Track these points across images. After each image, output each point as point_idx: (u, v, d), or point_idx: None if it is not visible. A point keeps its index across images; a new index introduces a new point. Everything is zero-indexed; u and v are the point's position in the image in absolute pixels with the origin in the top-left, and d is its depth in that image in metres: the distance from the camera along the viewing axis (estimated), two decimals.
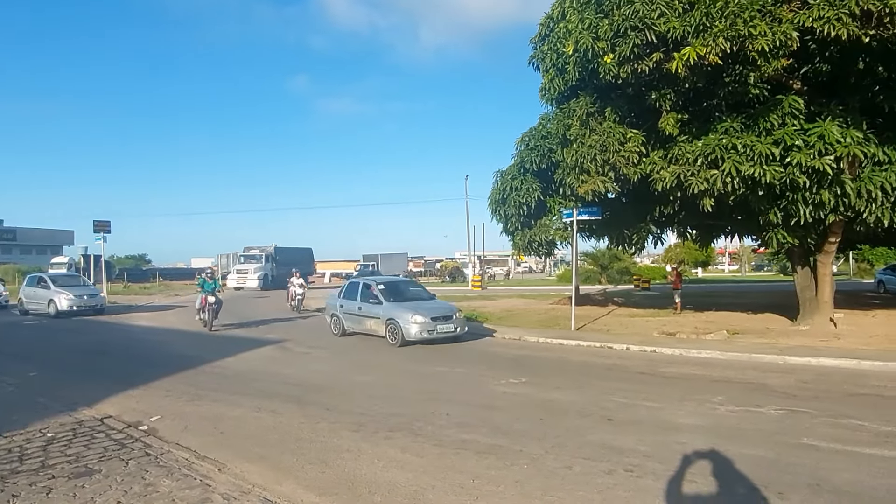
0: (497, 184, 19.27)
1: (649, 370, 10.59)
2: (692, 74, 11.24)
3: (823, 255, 14.92)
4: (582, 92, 14.80)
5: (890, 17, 8.90)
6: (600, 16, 12.18)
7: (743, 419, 7.07)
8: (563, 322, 17.10)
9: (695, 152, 12.24)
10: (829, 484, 4.90)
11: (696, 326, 16.06)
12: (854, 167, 11.62)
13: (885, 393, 8.32)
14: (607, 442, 6.20)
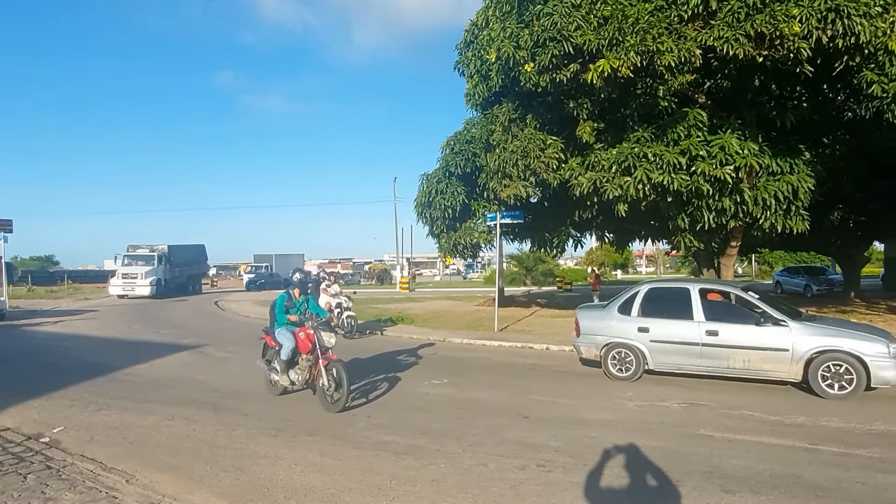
0: (423, 187, 19.40)
1: (567, 369, 11.00)
2: (607, 85, 11.76)
3: (726, 257, 15.98)
4: (505, 98, 15.18)
5: (780, 39, 9.68)
6: (521, 25, 12.55)
7: (648, 413, 7.49)
8: (488, 323, 17.43)
9: (609, 160, 12.82)
10: (720, 471, 5.29)
11: None
12: (751, 177, 12.51)
13: (773, 386, 9.01)
14: (523, 439, 6.41)
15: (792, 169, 12.61)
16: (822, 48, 9.86)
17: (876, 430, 6.44)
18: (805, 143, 13.12)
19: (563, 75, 11.89)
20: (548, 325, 17.62)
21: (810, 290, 27.31)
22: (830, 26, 9.41)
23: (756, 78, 12.06)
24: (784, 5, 9.68)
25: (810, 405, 7.67)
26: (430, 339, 15.35)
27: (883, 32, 9.51)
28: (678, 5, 10.80)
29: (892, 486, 4.82)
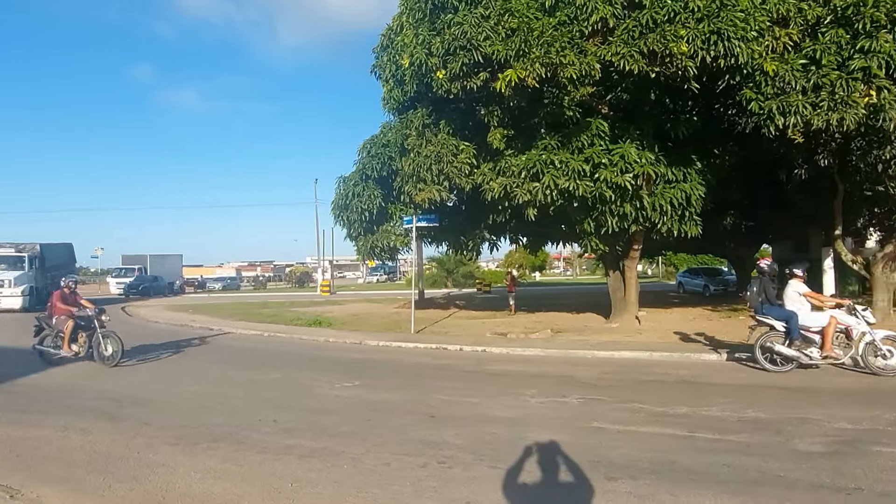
0: (340, 189, 19.31)
1: (477, 368, 11.30)
2: (515, 94, 12.22)
3: (629, 260, 16.92)
4: (419, 104, 15.41)
5: (670, 57, 10.43)
6: (433, 33, 12.81)
7: (549, 409, 7.86)
8: (405, 325, 17.57)
9: (519, 166, 13.30)
10: (606, 459, 5.65)
11: (525, 326, 17.34)
12: (649, 184, 13.35)
13: (666, 379, 9.69)
14: (427, 437, 6.57)
15: (685, 177, 13.55)
16: (707, 67, 10.70)
17: (746, 417, 7.06)
18: (697, 154, 14.14)
19: (474, 83, 12.24)
20: (464, 327, 17.98)
21: (708, 289, 29.28)
22: (713, 47, 10.24)
23: (651, 92, 12.89)
24: (673, 26, 10.43)
25: (695, 397, 8.29)
26: (346, 342, 15.32)
27: (759, 55, 10.44)
28: (579, 21, 11.38)
29: (753, 467, 5.32)
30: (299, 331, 17.77)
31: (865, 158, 13.09)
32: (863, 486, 4.71)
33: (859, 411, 7.07)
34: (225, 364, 12.22)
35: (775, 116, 10.78)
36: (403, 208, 17.65)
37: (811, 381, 9.23)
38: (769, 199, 19.26)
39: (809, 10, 10.84)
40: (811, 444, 5.90)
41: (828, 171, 14.93)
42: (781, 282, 10.47)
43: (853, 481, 4.83)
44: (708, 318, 18.55)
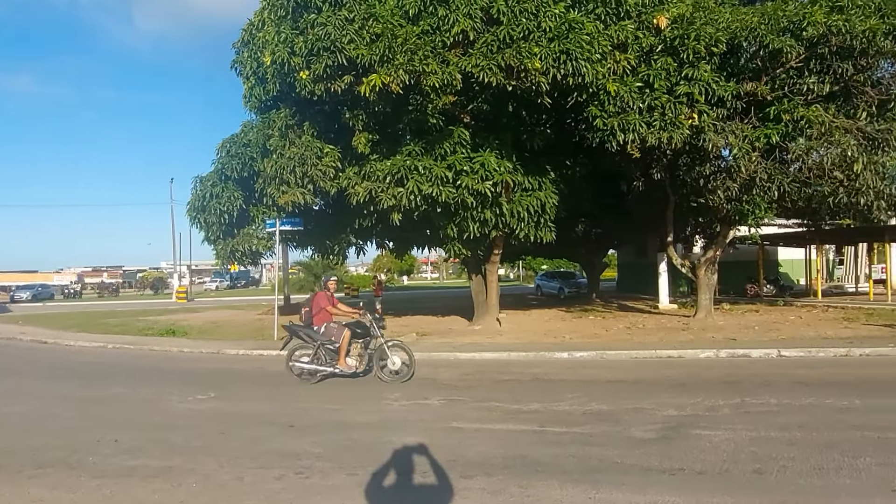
0: (197, 190, 18.15)
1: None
2: (380, 99, 12.26)
3: (491, 264, 17.61)
4: (283, 104, 14.95)
5: (525, 72, 11.08)
6: (296, 32, 12.49)
7: (411, 412, 7.94)
8: (268, 333, 16.90)
9: (384, 171, 13.36)
10: (463, 458, 5.82)
11: (392, 331, 17.37)
12: (508, 192, 14.00)
13: (522, 378, 10.19)
14: (285, 448, 6.36)
15: (541, 186, 14.39)
16: (558, 84, 11.47)
17: (590, 410, 7.61)
18: (551, 165, 15.08)
19: (338, 86, 12.11)
20: None
21: (563, 291, 31.25)
22: (563, 66, 11.01)
23: (510, 104, 13.56)
24: (528, 43, 11.07)
25: (546, 393, 8.80)
26: (202, 352, 14.43)
27: (603, 76, 11.40)
28: (442, 32, 11.69)
29: (594, 455, 5.75)
30: (150, 341, 16.45)
31: (690, 173, 14.78)
32: (685, 467, 5.26)
33: (684, 399, 7.90)
34: (59, 381, 11.00)
35: (617, 133, 11.84)
36: (266, 211, 16.98)
37: (647, 374, 10.18)
38: (614, 208, 21.03)
39: (644, 39, 12.06)
40: (644, 431, 6.50)
41: (661, 183, 16.64)
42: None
43: (678, 462, 5.38)
44: (562, 318, 19.83)
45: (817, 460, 5.26)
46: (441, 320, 20.13)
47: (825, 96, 13.04)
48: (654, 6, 12.41)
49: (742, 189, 14.25)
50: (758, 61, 12.94)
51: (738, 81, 13.05)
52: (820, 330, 14.28)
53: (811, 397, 7.75)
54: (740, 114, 13.48)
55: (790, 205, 16.31)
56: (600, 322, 18.23)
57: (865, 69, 13.03)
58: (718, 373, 9.98)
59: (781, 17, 12.24)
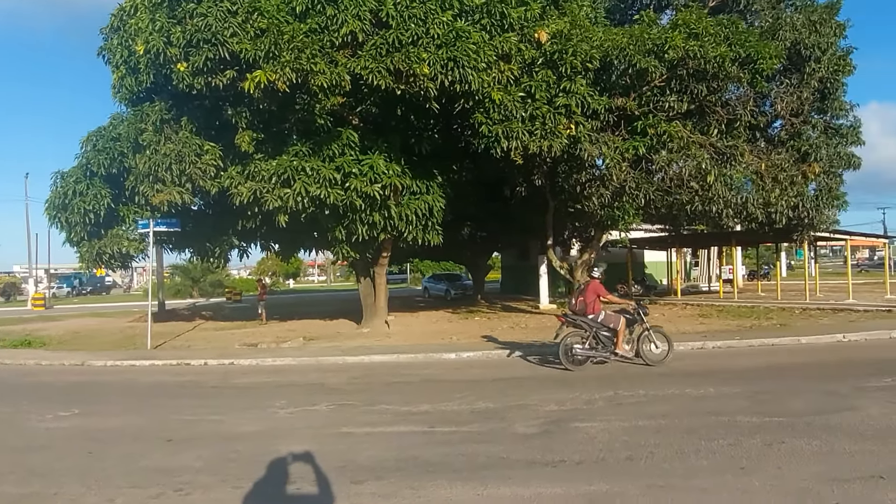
0: (57, 187, 16.49)
1: (223, 383, 10.65)
2: (265, 97, 11.87)
3: (379, 267, 17.60)
4: (157, 96, 14.04)
5: (413, 77, 11.22)
6: (173, 21, 11.79)
7: (298, 419, 7.76)
8: (140, 341, 15.76)
9: (269, 171, 12.94)
10: (354, 463, 5.79)
11: (277, 336, 16.87)
12: (397, 195, 14.08)
13: (411, 380, 10.30)
14: (162, 464, 5.99)
15: (428, 190, 14.60)
16: (445, 90, 11.74)
17: (478, 408, 7.86)
18: (438, 169, 15.35)
19: (220, 80, 11.60)
20: (210, 339, 16.80)
21: (449, 293, 31.85)
22: (450, 73, 11.28)
23: (398, 108, 13.65)
24: (416, 49, 11.22)
25: (435, 394, 8.96)
26: (64, 364, 13.18)
27: (488, 84, 11.81)
28: (330, 31, 11.55)
29: (482, 453, 5.94)
30: (0, 354, 14.74)
31: (568, 180, 15.69)
32: (565, 458, 5.59)
33: (564, 394, 8.38)
34: None
35: (501, 140, 12.32)
36: (138, 211, 15.79)
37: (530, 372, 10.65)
38: (498, 212, 21.77)
39: (527, 51, 12.67)
40: (528, 426, 6.82)
41: (542, 189, 17.50)
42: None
43: (558, 454, 5.71)
44: (449, 320, 20.22)
45: (679, 445, 5.80)
46: (329, 324, 19.80)
47: (684, 114, 14.39)
48: (535, 21, 13.04)
49: (613, 196, 15.34)
50: (627, 78, 14.02)
51: (610, 96, 14.07)
52: (680, 326, 15.70)
53: (674, 388, 8.51)
54: (612, 126, 14.53)
55: (654, 211, 17.79)
56: (486, 323, 18.79)
57: (717, 91, 14.55)
58: (596, 368, 10.66)
59: (647, 40, 13.35)
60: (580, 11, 13.98)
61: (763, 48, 13.61)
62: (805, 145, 16.08)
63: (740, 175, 15.01)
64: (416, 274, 61.06)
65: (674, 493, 4.60)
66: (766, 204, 15.41)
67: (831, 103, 16.65)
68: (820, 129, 16.64)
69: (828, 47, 15.45)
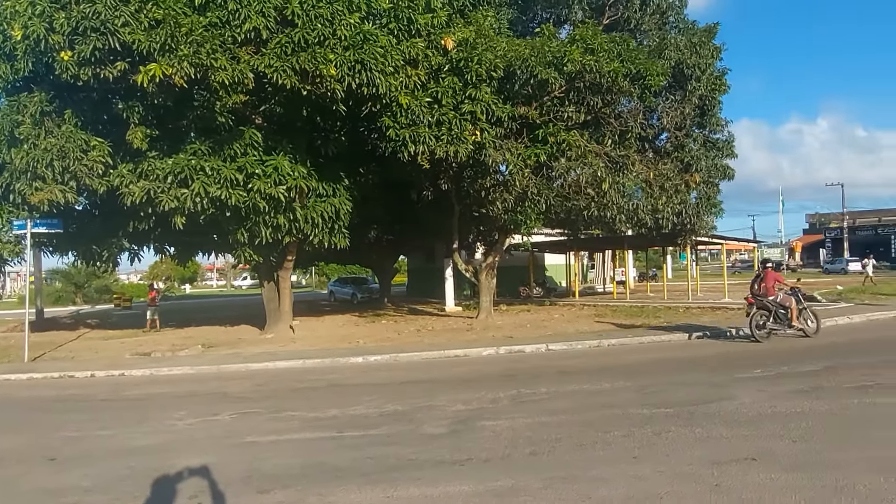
0: None
1: (113, 396, 10.00)
2: (161, 91, 11.28)
3: (284, 270, 17.17)
4: (37, 86, 12.92)
5: (320, 78, 11.07)
6: (56, 6, 10.92)
7: (199, 430, 7.44)
8: (16, 353, 14.42)
9: (165, 170, 12.29)
10: (259, 472, 5.64)
11: (173, 344, 16.02)
12: (302, 197, 13.81)
13: (317, 385, 10.15)
14: (45, 486, 5.55)
15: (335, 192, 14.45)
16: (352, 92, 11.68)
17: (387, 411, 7.89)
18: (345, 171, 15.23)
19: (110, 72, 10.91)
20: (97, 349, 15.68)
21: (356, 297, 31.57)
22: (358, 75, 11.25)
23: (304, 108, 13.41)
24: (323, 49, 11.09)
25: (343, 398, 8.90)
26: None
27: (396, 88, 11.89)
28: (232, 27, 11.16)
29: (391, 455, 5.99)
30: None
31: (474, 185, 16.10)
32: (472, 456, 5.74)
33: (470, 394, 8.59)
34: None
35: (408, 144, 12.44)
36: (14, 210, 14.44)
37: (433, 374, 10.82)
38: (405, 215, 21.88)
39: (433, 58, 12.88)
40: (436, 427, 6.94)
41: (448, 193, 17.80)
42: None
43: (466, 453, 5.86)
44: (355, 324, 20.07)
45: (578, 438, 6.14)
46: (230, 330, 19.04)
47: (581, 124, 15.19)
48: (442, 28, 13.27)
49: (516, 201, 15.91)
50: (529, 88, 14.58)
51: (513, 105, 14.58)
52: (578, 326, 16.51)
53: (573, 384, 8.98)
54: (515, 134, 15.08)
55: (554, 216, 18.61)
56: (392, 326, 18.83)
57: (611, 103, 15.48)
58: (499, 368, 11.01)
59: (547, 52, 13.97)
60: (485, 21, 14.36)
61: (651, 66, 14.65)
62: (687, 157, 17.46)
63: (631, 183, 16.04)
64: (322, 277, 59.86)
65: (574, 484, 4.87)
66: (655, 210, 16.57)
67: (709, 119, 18.18)
68: (700, 143, 18.13)
69: (706, 68, 16.87)
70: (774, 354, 10.73)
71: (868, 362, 9.49)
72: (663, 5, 17.94)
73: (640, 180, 16.36)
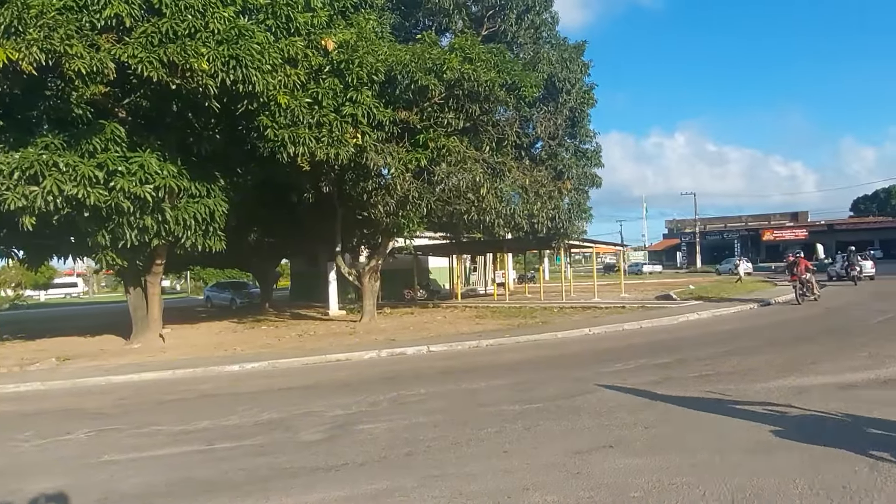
0: None
1: None
2: (6, 78, 10.19)
3: (152, 275, 16.06)
4: None
5: (191, 72, 10.50)
6: None
7: (48, 451, 6.81)
8: None
9: (11, 165, 11.09)
10: (116, 493, 5.27)
11: (23, 357, 14.51)
12: (173, 197, 13.01)
13: (188, 396, 9.62)
14: None
15: (209, 193, 13.75)
16: (227, 89, 11.19)
17: (262, 420, 7.65)
18: (221, 171, 14.53)
19: None
20: None
21: (235, 302, 30.21)
22: (232, 71, 10.81)
23: (174, 103, 12.64)
24: (194, 42, 10.54)
25: (216, 409, 8.51)
26: None
27: (274, 87, 11.55)
28: (91, 11, 10.31)
29: (265, 465, 5.83)
30: None
31: (356, 188, 16.01)
32: (348, 461, 5.73)
33: (350, 398, 8.55)
34: None
35: (287, 145, 12.13)
36: None
37: (314, 379, 10.65)
38: (286, 217, 21.28)
39: (313, 58, 12.66)
40: (313, 433, 6.84)
41: (330, 196, 17.56)
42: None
43: (342, 458, 5.83)
44: (234, 330, 19.22)
45: (454, 437, 6.32)
46: (91, 341, 17.50)
47: (461, 130, 15.62)
48: (322, 29, 13.09)
49: (398, 205, 16.02)
50: (410, 94, 14.76)
51: (394, 109, 14.67)
52: (459, 327, 16.94)
53: (452, 384, 9.21)
54: (396, 138, 15.19)
55: (437, 220, 18.97)
56: (273, 331, 18.26)
57: (488, 112, 16.06)
58: (380, 370, 11.05)
59: (428, 59, 14.23)
60: (367, 24, 14.35)
61: (526, 77, 15.39)
62: (560, 165, 18.53)
63: (509, 189, 16.73)
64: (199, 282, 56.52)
65: (447, 481, 5.02)
66: (531, 215, 17.40)
67: (580, 130, 19.44)
68: (571, 152, 19.32)
69: (576, 82, 18.02)
70: (630, 349, 11.67)
71: (710, 353, 10.58)
72: (537, 21, 18.89)
73: (516, 186, 17.10)
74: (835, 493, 4.26)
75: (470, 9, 18.55)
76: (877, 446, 5.14)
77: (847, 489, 4.32)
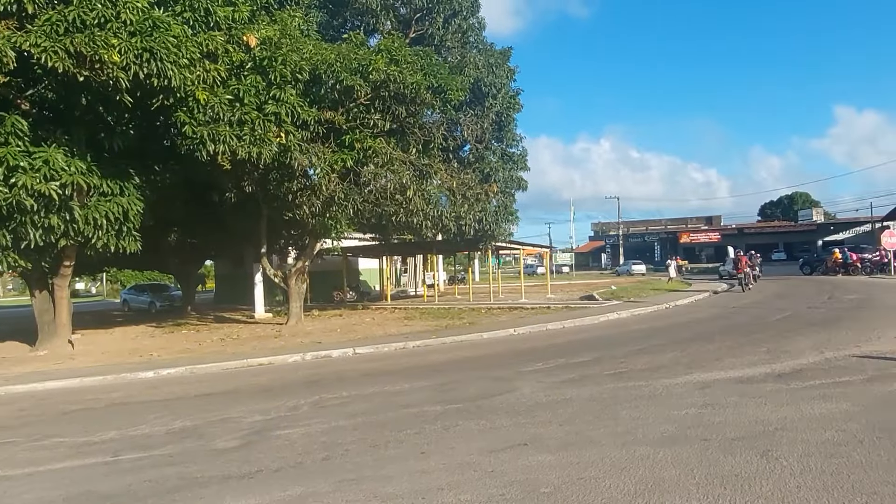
0: None
1: None
2: None
3: (60, 278, 15.13)
4: None
5: (101, 64, 9.97)
6: None
7: None
8: None
9: None
10: None
11: None
12: (82, 195, 12.31)
13: (96, 406, 9.11)
14: None
15: (122, 191, 13.10)
16: (141, 83, 10.70)
17: (174, 428, 7.36)
18: (135, 168, 13.86)
19: None
20: None
21: (154, 306, 28.90)
22: (146, 65, 10.35)
23: (83, 96, 11.97)
24: (104, 32, 10.02)
25: (126, 417, 8.11)
26: None
27: (192, 82, 11.15)
28: None
29: (174, 475, 5.60)
30: None
31: (280, 189, 15.66)
32: (262, 468, 5.59)
33: (269, 403, 8.36)
34: None
35: (206, 142, 11.71)
36: None
37: (233, 385, 10.34)
38: (209, 217, 20.53)
39: (235, 54, 12.31)
40: (228, 441, 6.64)
41: (254, 196, 17.10)
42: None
43: (256, 465, 5.69)
44: (151, 335, 18.40)
45: (373, 439, 6.30)
46: None
47: (388, 132, 15.58)
48: (244, 24, 12.74)
49: (324, 205, 15.79)
50: (335, 93, 14.60)
51: (319, 109, 14.47)
52: (387, 328, 16.88)
53: (374, 386, 9.17)
54: (322, 138, 14.98)
55: (365, 221, 18.83)
56: (194, 336, 17.59)
57: (415, 114, 16.10)
58: (303, 374, 10.85)
59: (353, 59, 14.12)
60: (292, 22, 14.08)
61: (452, 81, 15.53)
62: (487, 168, 18.83)
63: (436, 191, 16.83)
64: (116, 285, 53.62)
65: (362, 485, 5.00)
66: (458, 217, 17.58)
67: (506, 134, 19.81)
68: (498, 155, 19.66)
69: (502, 87, 18.37)
70: (552, 349, 12.01)
71: (625, 352, 11.04)
72: (464, 25, 19.14)
73: (444, 188, 17.24)
74: (728, 480, 4.56)
75: (398, 10, 18.56)
76: (768, 437, 5.54)
77: (739, 476, 4.62)
